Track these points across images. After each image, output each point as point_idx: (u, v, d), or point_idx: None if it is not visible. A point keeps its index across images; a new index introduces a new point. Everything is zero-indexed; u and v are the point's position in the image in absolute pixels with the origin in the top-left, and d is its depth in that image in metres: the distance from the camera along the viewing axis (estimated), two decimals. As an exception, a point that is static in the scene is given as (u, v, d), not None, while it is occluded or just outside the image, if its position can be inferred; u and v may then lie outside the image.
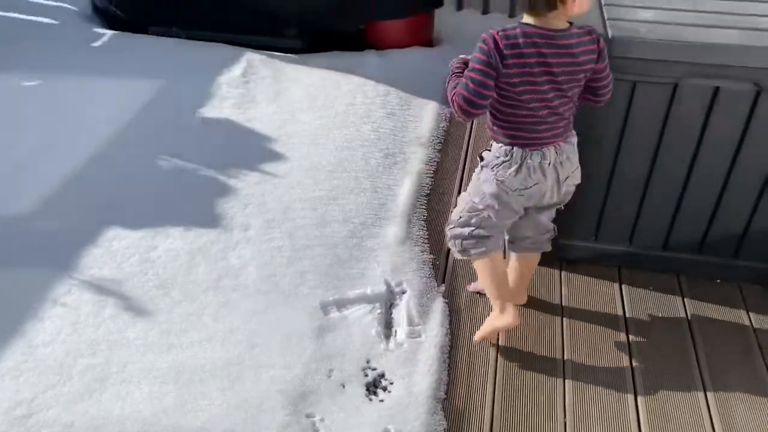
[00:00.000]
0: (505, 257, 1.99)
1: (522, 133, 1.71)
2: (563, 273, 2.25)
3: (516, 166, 1.73)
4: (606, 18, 1.88)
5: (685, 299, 2.15)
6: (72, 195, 2.42)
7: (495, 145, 1.77)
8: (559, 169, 1.75)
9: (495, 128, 1.75)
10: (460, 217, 1.90)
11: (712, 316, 2.10)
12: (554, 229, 1.93)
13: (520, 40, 1.58)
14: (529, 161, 1.72)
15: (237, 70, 3.23)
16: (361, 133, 2.89)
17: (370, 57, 3.50)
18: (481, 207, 1.84)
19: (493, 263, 1.92)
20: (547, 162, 1.73)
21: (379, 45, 3.61)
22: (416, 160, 2.78)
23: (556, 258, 2.26)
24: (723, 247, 2.14)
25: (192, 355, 1.84)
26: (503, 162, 1.74)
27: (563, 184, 1.78)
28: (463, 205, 1.91)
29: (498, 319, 1.95)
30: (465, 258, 1.95)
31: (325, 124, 2.92)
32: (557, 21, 1.60)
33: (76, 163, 2.58)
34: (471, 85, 1.63)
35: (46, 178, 2.48)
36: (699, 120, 1.90)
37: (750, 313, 2.11)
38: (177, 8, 3.57)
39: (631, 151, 1.99)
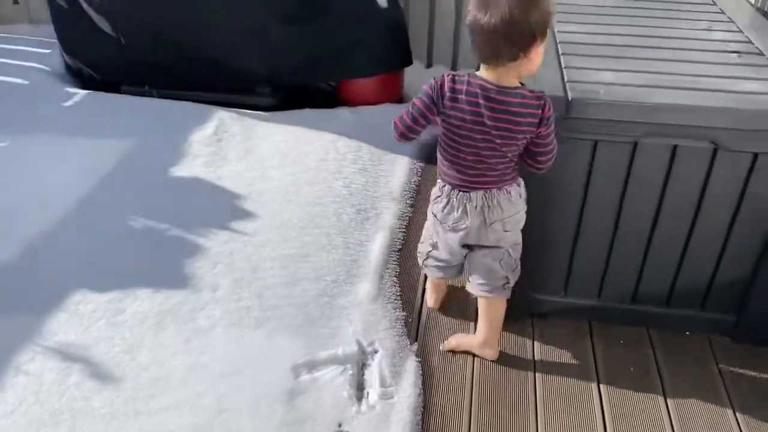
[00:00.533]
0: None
1: (453, 172, 1.85)
2: (535, 328, 2.25)
3: (445, 203, 1.89)
4: (566, 80, 1.94)
5: (656, 352, 2.17)
6: (39, 257, 2.39)
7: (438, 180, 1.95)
8: (486, 213, 1.85)
9: (438, 164, 1.91)
10: (424, 237, 2.11)
11: (682, 369, 2.11)
12: (507, 278, 1.98)
13: (464, 87, 1.71)
14: (454, 201, 1.87)
15: (209, 128, 3.25)
16: (332, 188, 2.90)
17: (341, 113, 3.55)
18: (430, 234, 2.04)
19: (438, 281, 2.25)
20: (473, 205, 1.85)
21: (350, 102, 3.67)
22: (388, 215, 2.80)
23: (527, 313, 2.27)
24: (690, 299, 2.17)
25: (160, 422, 1.80)
26: (437, 197, 1.93)
27: (490, 228, 1.87)
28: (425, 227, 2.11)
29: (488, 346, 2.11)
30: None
31: (297, 181, 2.93)
32: (507, 78, 1.69)
33: (44, 225, 2.55)
34: (412, 111, 1.80)
35: (13, 241, 2.45)
36: (660, 177, 1.95)
37: (719, 365, 2.12)
38: (149, 68, 3.60)
39: (596, 206, 2.03)
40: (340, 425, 1.86)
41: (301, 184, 2.91)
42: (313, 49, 3.48)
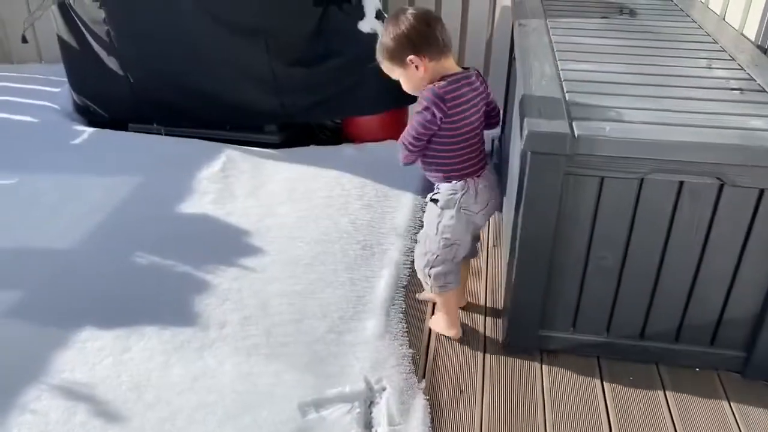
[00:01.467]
0: None
1: (467, 163, 2.05)
2: (543, 365, 2.23)
3: (473, 192, 2.07)
4: (572, 117, 1.96)
5: (666, 389, 2.15)
6: (46, 294, 2.39)
7: (445, 185, 2.08)
8: (495, 188, 2.15)
9: (443, 170, 2.07)
10: (437, 256, 2.16)
11: (692, 406, 2.08)
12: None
13: (451, 87, 1.94)
14: (479, 185, 2.08)
15: (216, 165, 3.28)
16: (338, 225, 2.91)
17: (346, 150, 3.58)
18: (453, 240, 2.13)
19: (457, 292, 2.31)
20: (487, 183, 2.10)
21: (355, 138, 3.71)
22: (394, 251, 2.80)
23: (535, 349, 2.26)
24: (698, 335, 2.16)
25: (165, 463, 1.78)
26: (463, 193, 2.06)
27: (499, 194, 2.21)
28: (433, 245, 2.15)
29: (449, 331, 2.32)
30: (441, 292, 2.24)
31: (303, 217, 2.95)
32: (453, 66, 1.99)
33: (52, 262, 2.56)
34: (419, 132, 1.98)
35: (19, 279, 2.45)
36: (667, 212, 1.96)
37: (731, 402, 2.10)
38: (157, 106, 3.65)
39: (603, 242, 2.03)
40: (348, 465, 1.84)
41: (307, 220, 2.92)
42: (320, 89, 3.52)
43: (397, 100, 3.69)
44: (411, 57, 1.94)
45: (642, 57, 2.55)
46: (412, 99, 3.70)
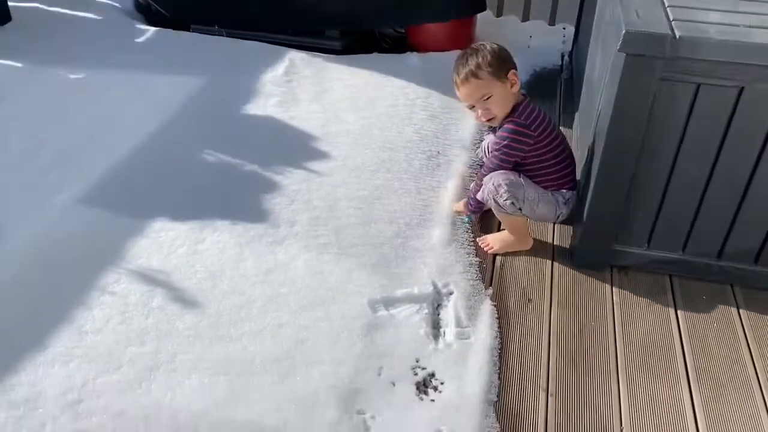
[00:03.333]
0: None
1: (573, 174, 2.27)
2: (614, 279, 2.20)
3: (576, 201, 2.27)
4: (671, 18, 1.84)
5: (740, 310, 2.10)
6: (118, 186, 2.42)
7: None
8: None
9: (558, 182, 2.22)
10: (524, 201, 2.17)
11: (767, 326, 2.05)
12: None
13: (526, 112, 2.13)
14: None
15: (279, 68, 3.24)
16: (403, 134, 2.87)
17: (411, 59, 3.49)
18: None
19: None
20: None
21: (420, 48, 3.60)
22: (459, 163, 2.75)
23: (606, 264, 2.22)
24: (781, 257, 2.09)
25: (242, 348, 1.82)
26: (570, 201, 2.23)
27: None
28: (526, 194, 2.17)
29: (521, 246, 2.31)
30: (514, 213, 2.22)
31: (368, 125, 2.91)
32: None
33: (121, 156, 2.58)
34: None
35: (92, 169, 2.48)
36: (764, 126, 1.86)
37: (808, 326, 2.05)
38: (219, 7, 3.58)
39: (691, 155, 1.95)
40: (417, 361, 1.86)
41: (372, 128, 2.88)
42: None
43: (464, 8, 3.57)
44: (513, 71, 2.11)
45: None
46: (481, 7, 3.61)
